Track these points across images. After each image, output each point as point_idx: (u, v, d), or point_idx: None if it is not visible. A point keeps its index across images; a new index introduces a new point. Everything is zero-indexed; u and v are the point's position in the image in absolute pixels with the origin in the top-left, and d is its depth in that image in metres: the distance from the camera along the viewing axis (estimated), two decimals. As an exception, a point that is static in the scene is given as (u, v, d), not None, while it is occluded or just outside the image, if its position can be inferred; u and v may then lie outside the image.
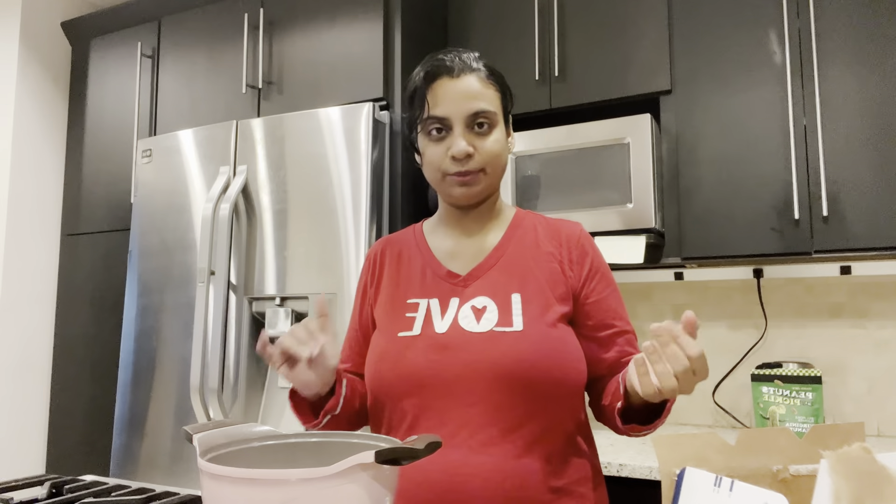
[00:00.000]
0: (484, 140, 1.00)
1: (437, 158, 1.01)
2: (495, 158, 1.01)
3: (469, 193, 1.01)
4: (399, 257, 1.10)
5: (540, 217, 1.10)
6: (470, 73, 1.01)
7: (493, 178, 1.02)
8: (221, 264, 1.99)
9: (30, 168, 2.68)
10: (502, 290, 1.00)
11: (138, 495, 1.07)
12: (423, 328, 0.99)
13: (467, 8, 2.28)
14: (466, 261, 1.05)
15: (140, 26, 2.60)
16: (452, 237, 1.08)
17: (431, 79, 1.01)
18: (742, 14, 1.90)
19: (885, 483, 0.29)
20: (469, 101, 0.99)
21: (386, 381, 0.98)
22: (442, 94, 1.00)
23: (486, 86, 1.01)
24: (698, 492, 0.33)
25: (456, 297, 1.01)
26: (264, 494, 0.62)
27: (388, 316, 1.04)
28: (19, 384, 2.60)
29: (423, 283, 1.05)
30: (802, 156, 1.80)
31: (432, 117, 1.00)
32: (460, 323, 0.98)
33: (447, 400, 0.94)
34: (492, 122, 1.00)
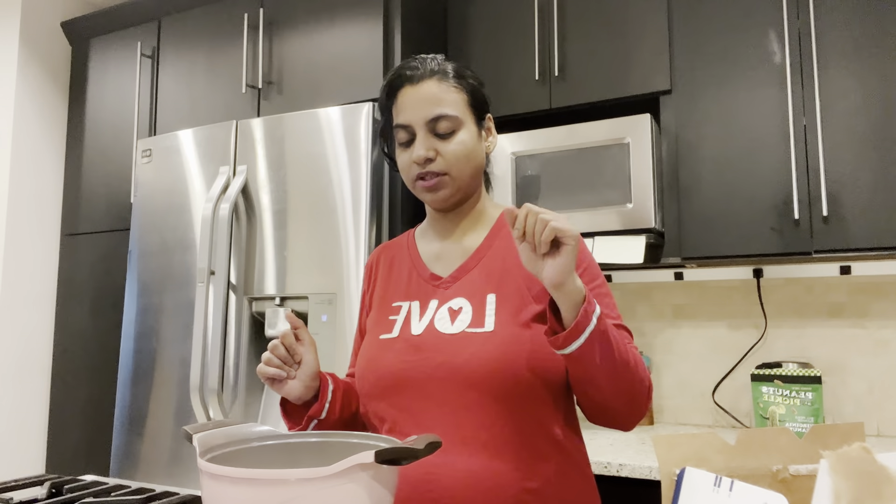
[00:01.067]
0: (446, 143, 1.01)
1: (405, 165, 1.03)
2: (458, 161, 1.01)
3: (436, 198, 1.03)
4: (391, 263, 1.13)
5: None
6: (430, 78, 1.02)
7: (460, 181, 1.03)
8: (221, 264, 1.99)
9: (29, 168, 2.68)
10: (479, 291, 1.00)
11: (138, 495, 1.06)
12: (401, 330, 1.01)
13: (467, 8, 2.28)
14: (449, 263, 1.07)
15: (140, 26, 2.60)
16: (438, 240, 1.10)
17: (395, 90, 1.04)
18: (742, 14, 1.90)
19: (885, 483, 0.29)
20: (428, 106, 1.01)
21: (367, 383, 1.00)
22: (403, 103, 1.02)
23: (448, 89, 1.03)
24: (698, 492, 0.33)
25: (435, 298, 1.03)
26: (264, 494, 0.62)
27: (374, 320, 1.07)
28: (19, 384, 2.60)
29: (408, 286, 1.07)
30: (802, 156, 1.80)
31: (397, 126, 1.03)
32: (435, 324, 0.99)
33: (422, 401, 0.95)
34: (454, 125, 1.01)
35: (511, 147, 2.07)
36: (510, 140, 2.08)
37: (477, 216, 1.10)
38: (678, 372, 2.23)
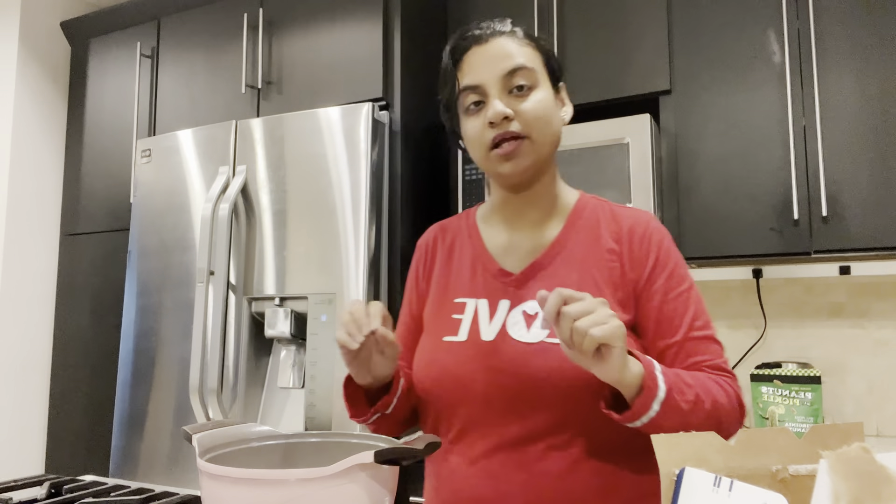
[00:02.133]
0: (525, 102, 0.88)
1: (476, 132, 0.90)
2: (539, 121, 0.88)
3: (515, 168, 0.89)
4: (451, 248, 1.01)
5: (605, 205, 0.97)
6: (501, 36, 0.91)
7: (541, 148, 0.89)
8: (221, 264, 1.99)
9: (29, 168, 2.68)
10: None
11: (137, 495, 1.06)
12: (469, 333, 0.91)
13: (467, 7, 2.28)
14: (521, 257, 0.95)
15: (139, 26, 2.60)
16: (506, 228, 0.98)
17: (461, 52, 0.92)
18: (742, 14, 1.90)
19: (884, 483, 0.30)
20: (501, 61, 0.89)
21: (432, 388, 0.92)
22: (473, 62, 0.90)
23: (522, 44, 0.91)
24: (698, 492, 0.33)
25: (507, 299, 0.92)
26: (264, 494, 0.62)
27: (435, 316, 0.97)
28: (19, 384, 2.60)
29: (472, 280, 0.96)
30: (802, 156, 1.80)
31: (465, 88, 0.90)
32: (509, 330, 0.89)
33: (493, 413, 0.87)
34: (533, 81, 0.89)
35: (511, 147, 2.07)
36: (510, 140, 2.08)
37: (551, 202, 0.97)
38: (678, 372, 2.22)
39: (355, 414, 0.94)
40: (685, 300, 0.89)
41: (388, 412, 0.93)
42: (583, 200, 0.98)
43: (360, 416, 0.94)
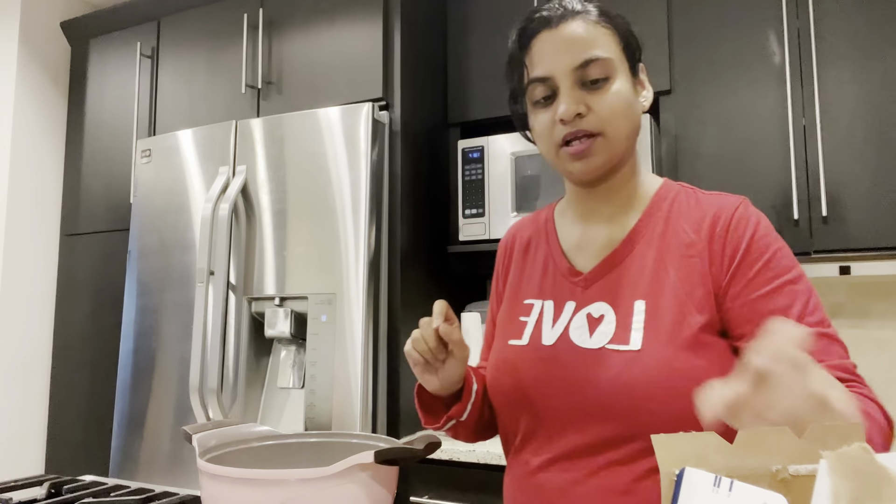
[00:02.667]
0: (599, 96, 0.80)
1: (545, 128, 0.82)
2: (615, 117, 0.80)
3: (588, 168, 0.81)
4: (527, 247, 0.95)
5: (691, 193, 0.86)
6: (573, 19, 0.81)
7: (616, 144, 0.81)
8: (221, 264, 1.99)
9: (29, 168, 2.68)
10: (625, 295, 0.81)
11: (137, 495, 1.06)
12: (531, 337, 0.86)
13: (466, 7, 2.28)
14: (592, 254, 0.87)
15: (139, 26, 2.60)
16: (581, 223, 0.90)
17: (528, 37, 0.83)
18: (741, 14, 1.90)
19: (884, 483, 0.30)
20: (573, 50, 0.80)
21: (498, 392, 0.88)
22: (541, 51, 0.81)
23: (597, 28, 0.81)
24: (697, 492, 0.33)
25: (573, 300, 0.85)
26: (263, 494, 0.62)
27: (505, 318, 0.92)
28: (18, 384, 2.60)
29: (543, 280, 0.90)
30: (801, 156, 1.80)
31: (534, 80, 0.82)
32: (570, 335, 0.83)
33: (552, 423, 0.82)
34: (608, 72, 0.80)
35: (511, 147, 2.07)
36: (510, 140, 2.08)
37: (629, 194, 0.87)
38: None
39: (428, 421, 0.90)
40: (789, 293, 0.76)
41: (463, 419, 0.89)
42: (664, 189, 0.88)
43: (434, 423, 0.89)
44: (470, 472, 1.75)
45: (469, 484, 1.75)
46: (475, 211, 2.10)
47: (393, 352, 1.92)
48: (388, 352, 1.91)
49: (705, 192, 0.86)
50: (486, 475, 1.73)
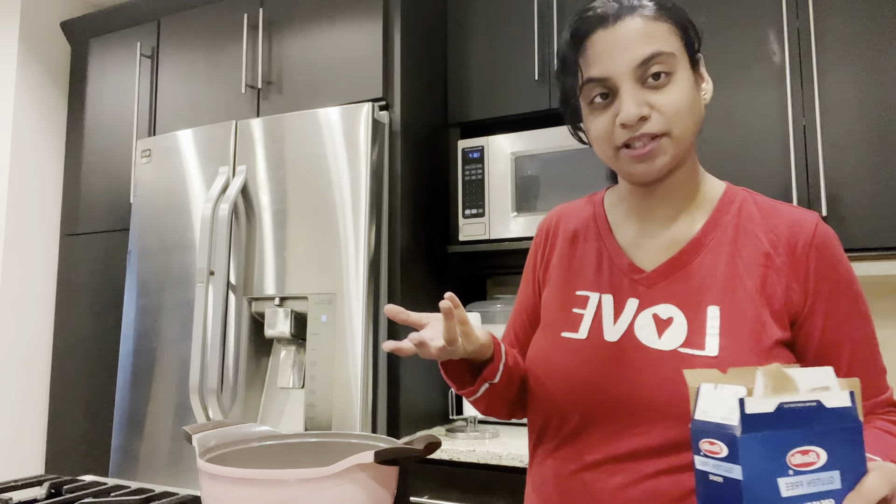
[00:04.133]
0: (663, 94, 0.76)
1: (604, 131, 0.78)
2: (681, 116, 0.76)
3: (652, 170, 0.77)
4: (574, 236, 0.91)
5: (759, 200, 0.84)
6: (631, 16, 0.77)
7: (682, 143, 0.78)
8: (221, 264, 1.99)
9: (29, 168, 2.68)
10: (696, 298, 0.79)
11: (137, 495, 1.06)
12: (590, 331, 0.83)
13: (466, 7, 2.28)
14: (654, 253, 0.84)
15: (139, 26, 2.60)
16: (637, 219, 0.87)
17: (583, 36, 0.79)
18: (741, 14, 1.90)
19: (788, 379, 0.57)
20: (634, 47, 0.76)
21: (547, 387, 0.84)
22: (597, 51, 0.77)
23: (657, 22, 0.78)
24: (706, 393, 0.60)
25: (635, 297, 0.82)
26: (263, 494, 0.62)
27: (554, 309, 0.88)
28: (18, 384, 2.60)
29: (598, 273, 0.86)
30: (802, 156, 1.80)
31: (590, 80, 0.78)
32: (636, 333, 0.80)
33: (614, 421, 0.78)
34: (671, 68, 0.77)
35: (511, 147, 2.07)
36: (510, 140, 2.08)
37: (690, 193, 0.84)
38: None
39: (461, 387, 0.85)
40: (857, 325, 0.78)
41: (496, 381, 0.84)
42: (730, 193, 0.85)
43: (467, 387, 0.85)
44: (470, 472, 1.75)
45: (469, 484, 1.75)
46: (475, 211, 2.10)
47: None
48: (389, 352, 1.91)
49: (773, 200, 0.84)
50: (487, 475, 1.73)
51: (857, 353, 0.78)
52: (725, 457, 0.56)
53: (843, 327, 0.78)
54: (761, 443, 0.55)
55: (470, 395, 0.86)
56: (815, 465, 0.56)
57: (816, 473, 0.56)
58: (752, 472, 0.55)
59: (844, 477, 0.57)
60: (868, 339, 0.79)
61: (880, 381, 0.79)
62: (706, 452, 0.58)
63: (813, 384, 0.57)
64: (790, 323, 0.77)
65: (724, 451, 0.56)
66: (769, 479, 0.55)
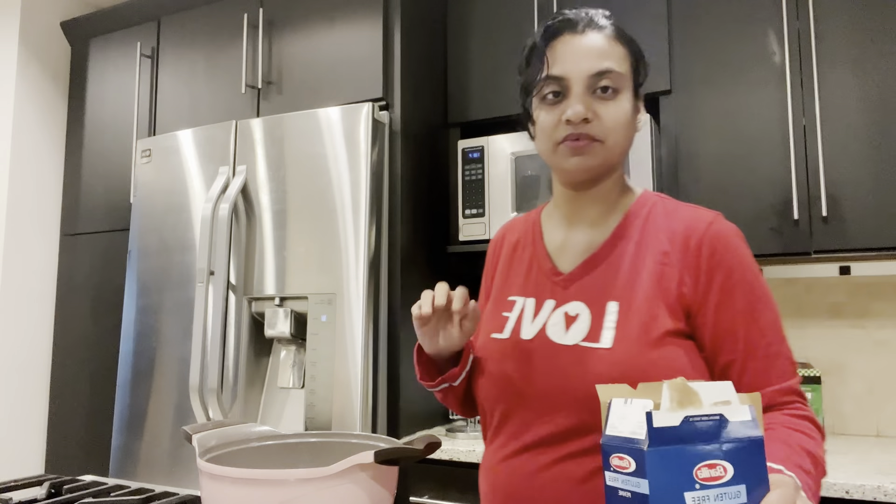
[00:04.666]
0: (607, 106, 0.85)
1: (549, 125, 0.87)
2: (617, 129, 0.86)
3: (583, 165, 0.86)
4: (515, 246, 1.01)
5: (667, 203, 0.92)
6: (596, 31, 0.88)
7: (612, 154, 0.87)
8: (221, 264, 1.99)
9: (29, 168, 2.68)
10: (600, 295, 0.87)
11: (137, 495, 1.06)
12: (511, 332, 0.92)
13: (466, 7, 2.28)
14: (573, 256, 0.93)
15: (139, 26, 2.60)
16: (565, 226, 0.96)
17: (552, 35, 0.88)
18: (741, 14, 1.90)
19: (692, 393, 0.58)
20: (592, 59, 0.86)
21: (479, 383, 0.94)
22: (562, 52, 0.87)
23: (615, 45, 0.88)
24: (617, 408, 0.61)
25: (553, 298, 0.91)
26: (263, 494, 0.62)
27: (489, 313, 0.98)
28: (18, 384, 2.60)
29: (527, 278, 0.96)
30: (802, 156, 1.80)
31: (549, 77, 0.87)
32: (547, 331, 0.88)
33: (527, 411, 0.87)
34: (618, 86, 0.86)
35: (511, 147, 2.07)
36: (510, 140, 2.08)
37: (612, 202, 0.93)
38: (678, 372, 2.22)
39: (423, 377, 0.96)
40: (751, 313, 0.83)
41: (456, 384, 0.95)
42: (643, 199, 0.93)
43: (429, 380, 0.96)
44: (470, 473, 1.75)
45: (469, 484, 1.75)
46: (475, 211, 2.10)
47: (393, 352, 1.92)
48: (388, 352, 1.91)
49: (680, 203, 0.92)
50: (486, 475, 1.72)
51: (754, 342, 0.82)
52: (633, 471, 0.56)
53: (736, 317, 0.83)
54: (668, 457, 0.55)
55: (428, 386, 0.96)
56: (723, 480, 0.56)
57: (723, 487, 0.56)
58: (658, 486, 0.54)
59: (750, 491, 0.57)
60: (768, 328, 0.83)
61: (783, 368, 0.83)
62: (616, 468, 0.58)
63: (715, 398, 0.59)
64: (685, 314, 0.84)
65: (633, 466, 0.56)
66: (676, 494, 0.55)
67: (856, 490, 1.38)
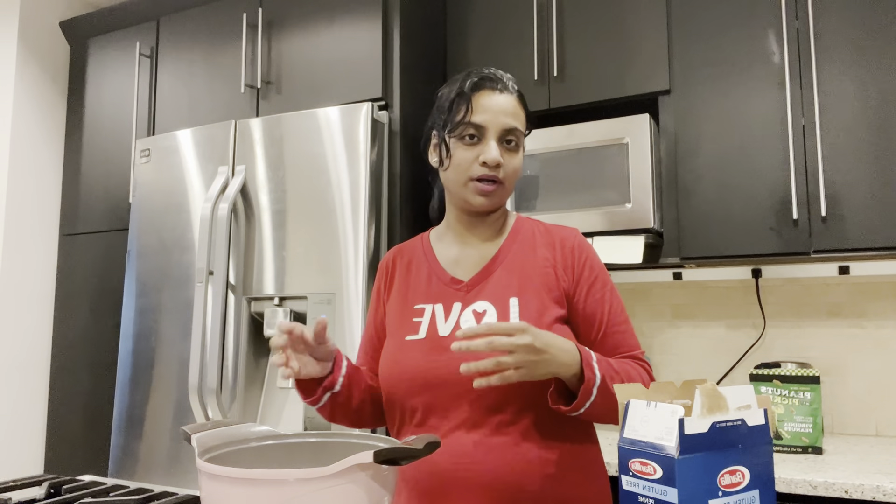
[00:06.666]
0: (511, 156, 1.08)
1: (465, 162, 1.07)
2: (514, 175, 1.09)
3: (488, 203, 1.08)
4: (408, 266, 1.18)
5: (538, 224, 1.16)
6: (509, 93, 1.09)
7: (507, 193, 1.11)
8: (220, 264, 1.99)
9: (28, 168, 2.68)
10: (501, 294, 1.06)
11: (136, 495, 1.06)
12: (427, 331, 1.07)
13: (466, 7, 2.28)
14: (469, 267, 1.12)
15: (138, 26, 2.60)
16: (457, 245, 1.15)
17: (478, 88, 1.08)
18: (741, 14, 1.90)
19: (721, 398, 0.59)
20: (507, 116, 1.07)
21: (396, 381, 1.06)
22: (484, 104, 1.07)
23: (520, 109, 1.10)
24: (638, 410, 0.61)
25: (459, 301, 1.09)
26: (263, 494, 0.62)
27: (398, 321, 1.12)
28: (18, 384, 2.60)
29: (428, 289, 1.12)
30: (801, 156, 1.80)
31: (472, 123, 1.06)
32: (462, 326, 1.05)
33: (450, 397, 1.02)
34: (518, 141, 1.09)
35: (510, 147, 2.07)
36: (509, 140, 2.08)
37: (497, 225, 1.16)
38: (677, 372, 2.23)
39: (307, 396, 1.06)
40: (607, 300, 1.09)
41: (337, 390, 1.06)
42: (520, 221, 1.17)
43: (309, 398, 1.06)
44: (469, 472, 1.75)
45: (468, 484, 1.75)
46: (474, 211, 2.10)
47: (392, 352, 1.91)
48: (388, 352, 1.91)
49: (548, 223, 1.16)
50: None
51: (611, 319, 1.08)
52: (660, 478, 0.56)
53: (598, 301, 1.08)
54: (696, 464, 0.55)
55: (314, 404, 1.07)
56: (741, 486, 0.58)
57: (741, 494, 0.58)
58: (686, 494, 0.55)
59: (762, 496, 0.59)
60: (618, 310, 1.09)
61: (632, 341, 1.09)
62: (636, 473, 0.58)
63: (738, 402, 0.61)
64: (566, 302, 1.08)
65: (659, 473, 0.56)
66: (702, 502, 0.55)
67: (855, 490, 1.38)
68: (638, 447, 0.58)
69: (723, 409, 0.59)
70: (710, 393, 0.59)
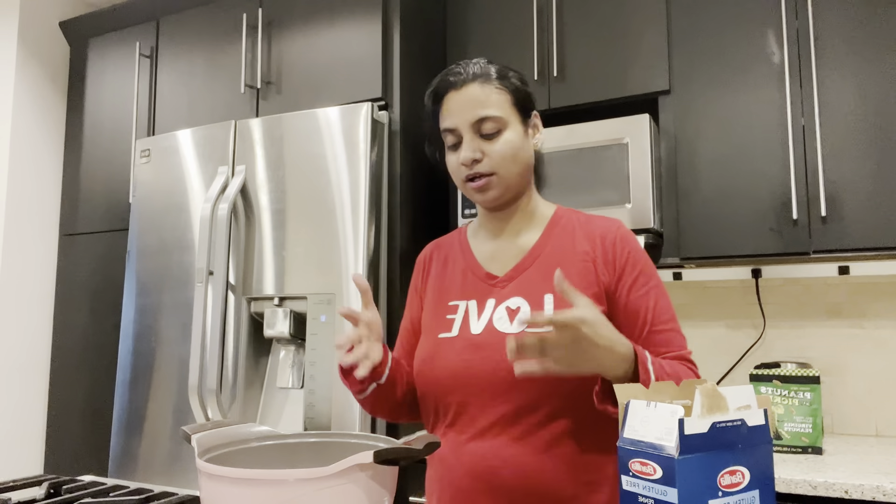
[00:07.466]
0: (492, 144, 1.03)
1: (454, 168, 1.06)
2: (505, 161, 1.03)
3: (486, 199, 1.05)
4: (445, 261, 1.16)
5: (580, 215, 1.11)
6: (473, 82, 1.04)
7: (508, 180, 1.05)
8: (220, 264, 1.99)
9: (28, 168, 2.68)
10: (536, 290, 1.03)
11: (136, 496, 1.06)
12: (460, 329, 1.05)
13: (466, 8, 2.28)
14: (505, 262, 1.09)
15: (138, 26, 2.60)
16: (491, 239, 1.12)
17: (440, 95, 1.07)
18: (741, 14, 1.91)
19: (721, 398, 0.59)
20: (472, 109, 1.03)
21: (429, 379, 1.05)
22: (450, 107, 1.05)
23: (491, 91, 1.04)
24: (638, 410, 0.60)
25: (492, 298, 1.06)
26: (263, 495, 0.62)
27: (432, 318, 1.10)
28: (18, 384, 2.60)
29: (463, 285, 1.10)
30: (801, 156, 1.80)
31: (444, 130, 1.06)
32: (494, 324, 1.02)
33: (482, 396, 1.00)
34: (500, 126, 1.03)
35: (510, 147, 2.07)
36: (509, 140, 2.08)
37: (530, 214, 1.11)
38: (677, 372, 2.22)
39: (352, 386, 1.05)
40: (652, 296, 1.02)
41: (383, 382, 1.04)
42: (559, 213, 1.12)
43: (356, 387, 1.05)
44: (469, 472, 1.75)
45: (468, 484, 1.75)
46: (474, 211, 2.10)
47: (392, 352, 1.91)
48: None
49: (590, 214, 1.11)
50: (486, 475, 1.72)
51: (656, 316, 1.01)
52: (659, 479, 0.56)
53: (642, 297, 1.02)
54: (696, 465, 0.56)
55: (358, 394, 1.05)
56: (741, 486, 0.58)
57: (741, 494, 0.58)
58: (686, 494, 0.55)
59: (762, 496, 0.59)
60: (664, 307, 1.03)
61: (680, 341, 1.02)
62: (636, 473, 0.58)
63: (738, 403, 0.61)
64: (606, 297, 1.02)
65: (658, 473, 0.56)
66: (702, 502, 0.56)
67: (855, 490, 1.38)
68: (638, 447, 0.58)
69: (723, 410, 0.59)
70: (710, 393, 0.59)
